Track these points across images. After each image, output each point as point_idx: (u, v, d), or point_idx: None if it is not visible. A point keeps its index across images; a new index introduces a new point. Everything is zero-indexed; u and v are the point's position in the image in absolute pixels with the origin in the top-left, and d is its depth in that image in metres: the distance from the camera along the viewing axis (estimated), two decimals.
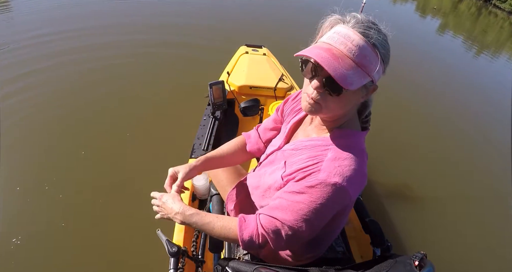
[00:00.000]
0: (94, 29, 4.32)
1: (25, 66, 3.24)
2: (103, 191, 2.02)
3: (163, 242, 1.05)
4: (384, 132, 3.20)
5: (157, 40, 4.25)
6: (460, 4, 19.19)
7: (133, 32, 4.38)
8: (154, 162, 2.25)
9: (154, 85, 3.25)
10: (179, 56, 3.90)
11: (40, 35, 3.94)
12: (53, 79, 3.10)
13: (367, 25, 0.66)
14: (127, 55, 3.73)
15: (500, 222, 2.53)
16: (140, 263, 1.66)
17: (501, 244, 2.32)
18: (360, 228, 1.34)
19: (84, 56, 3.57)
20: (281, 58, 2.65)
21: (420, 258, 0.72)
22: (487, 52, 8.21)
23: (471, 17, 15.40)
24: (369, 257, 1.31)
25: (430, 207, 2.51)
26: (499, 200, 2.77)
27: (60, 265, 1.62)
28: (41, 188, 1.98)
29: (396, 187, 2.60)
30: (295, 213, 0.72)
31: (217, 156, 1.07)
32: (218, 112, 2.01)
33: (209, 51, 4.08)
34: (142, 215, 1.85)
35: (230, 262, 0.82)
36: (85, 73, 3.26)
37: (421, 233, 2.23)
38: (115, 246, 1.73)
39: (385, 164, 2.76)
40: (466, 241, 2.28)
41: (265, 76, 2.25)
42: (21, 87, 2.89)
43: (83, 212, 1.88)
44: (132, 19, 4.89)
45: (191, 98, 2.98)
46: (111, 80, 3.22)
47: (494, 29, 13.33)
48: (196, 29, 4.81)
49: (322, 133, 0.82)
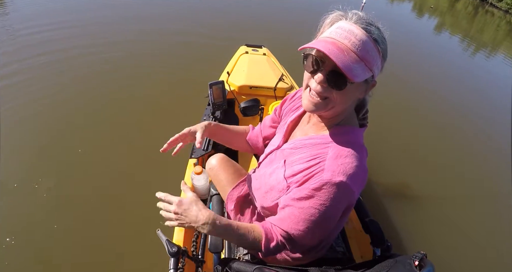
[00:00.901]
0: (92, 25, 4.31)
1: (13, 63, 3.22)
2: (102, 190, 2.02)
3: (163, 242, 1.05)
4: (384, 133, 3.21)
5: (156, 40, 4.25)
6: (457, 3, 19.22)
7: (131, 32, 4.37)
8: (153, 162, 2.24)
9: (153, 85, 3.24)
10: (179, 56, 3.89)
11: (32, 26, 3.95)
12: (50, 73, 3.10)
13: (368, 22, 0.68)
14: (125, 55, 3.73)
15: (500, 222, 2.54)
16: (139, 263, 1.66)
17: (501, 244, 2.33)
18: (360, 228, 1.34)
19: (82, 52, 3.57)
20: (281, 58, 2.65)
21: (420, 258, 0.72)
22: (484, 50, 8.25)
23: (467, 16, 15.43)
24: (369, 257, 1.31)
25: (430, 207, 2.51)
26: (499, 200, 2.78)
27: (60, 265, 1.62)
28: (39, 187, 1.97)
29: (396, 186, 2.61)
30: (308, 221, 0.73)
31: (226, 128, 1.12)
32: (218, 112, 2.01)
33: (209, 51, 4.08)
34: (141, 215, 1.86)
35: (230, 262, 0.82)
36: (81, 71, 3.25)
37: (421, 233, 2.24)
38: (115, 246, 1.73)
39: (385, 163, 2.77)
40: (466, 241, 2.29)
41: (265, 76, 2.25)
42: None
43: (82, 212, 1.88)
44: (131, 19, 4.88)
45: (191, 98, 2.98)
46: (110, 79, 3.22)
47: (490, 28, 13.36)
48: (195, 29, 4.80)
49: (321, 131, 0.82)
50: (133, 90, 3.10)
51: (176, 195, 0.84)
